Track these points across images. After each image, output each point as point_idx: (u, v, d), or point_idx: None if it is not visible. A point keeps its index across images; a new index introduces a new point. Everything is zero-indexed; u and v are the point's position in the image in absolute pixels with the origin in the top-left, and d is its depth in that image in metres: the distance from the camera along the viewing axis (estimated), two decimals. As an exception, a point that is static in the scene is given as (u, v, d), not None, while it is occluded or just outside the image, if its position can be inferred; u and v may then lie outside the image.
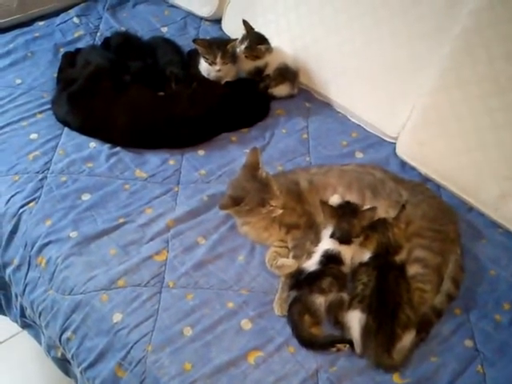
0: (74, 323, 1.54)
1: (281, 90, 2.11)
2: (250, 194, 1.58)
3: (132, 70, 2.03)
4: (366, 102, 2.02)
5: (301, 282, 1.49)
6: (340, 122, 2.08)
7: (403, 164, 1.92)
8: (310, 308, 1.45)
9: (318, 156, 1.94)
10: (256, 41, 2.05)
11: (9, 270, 1.73)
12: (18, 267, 1.70)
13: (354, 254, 1.55)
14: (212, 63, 2.01)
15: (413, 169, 1.90)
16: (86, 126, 1.92)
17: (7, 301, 1.88)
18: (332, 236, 1.54)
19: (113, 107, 1.90)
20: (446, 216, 1.68)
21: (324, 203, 1.58)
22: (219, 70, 2.03)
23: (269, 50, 2.07)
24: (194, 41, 2.04)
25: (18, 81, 2.13)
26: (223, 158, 1.90)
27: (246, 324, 1.47)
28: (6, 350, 2.18)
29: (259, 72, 2.09)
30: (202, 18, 2.48)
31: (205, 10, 2.42)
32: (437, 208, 1.69)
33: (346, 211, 1.56)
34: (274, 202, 1.60)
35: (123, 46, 2.17)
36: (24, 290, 1.68)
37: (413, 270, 1.53)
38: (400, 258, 1.54)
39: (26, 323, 1.83)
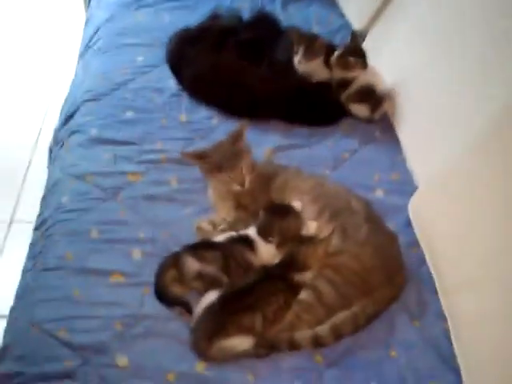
0: (49, 194, 1.81)
1: (358, 109, 2.01)
2: (215, 156, 1.65)
3: (240, 37, 2.20)
4: (422, 153, 1.85)
5: (197, 244, 1.53)
6: (394, 162, 1.91)
7: (409, 220, 1.70)
8: (179, 265, 1.48)
9: (338, 175, 1.83)
10: (350, 52, 2.01)
11: (57, 148, 2.04)
12: (58, 145, 2.02)
13: (270, 254, 1.52)
14: (295, 54, 2.05)
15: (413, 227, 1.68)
16: (174, 67, 2.17)
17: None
18: (256, 226, 1.55)
19: (199, 59, 2.10)
20: (389, 278, 1.49)
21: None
22: (299, 62, 2.04)
23: (360, 64, 2.01)
24: (287, 29, 2.10)
25: (168, 20, 2.47)
26: (257, 138, 1.90)
27: (136, 253, 1.58)
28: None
29: (346, 83, 2.03)
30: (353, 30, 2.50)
31: (356, 24, 2.44)
32: (383, 263, 1.50)
33: (278, 210, 1.54)
34: (233, 174, 1.64)
35: (258, 21, 2.32)
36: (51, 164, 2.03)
37: (304, 295, 1.43)
38: (304, 278, 1.45)
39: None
